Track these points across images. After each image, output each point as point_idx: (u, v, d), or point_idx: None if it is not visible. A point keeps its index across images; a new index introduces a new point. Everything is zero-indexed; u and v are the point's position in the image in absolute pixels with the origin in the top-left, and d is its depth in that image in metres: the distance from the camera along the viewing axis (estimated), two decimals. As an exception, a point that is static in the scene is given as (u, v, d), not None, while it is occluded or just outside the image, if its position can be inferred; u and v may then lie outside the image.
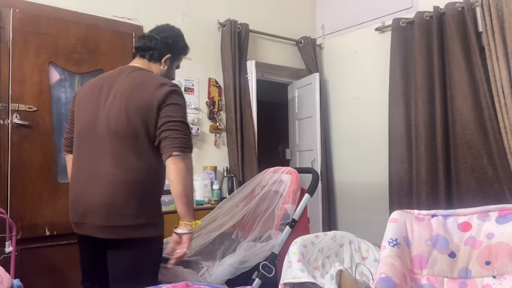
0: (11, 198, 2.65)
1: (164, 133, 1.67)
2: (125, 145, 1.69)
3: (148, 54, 1.88)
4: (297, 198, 2.40)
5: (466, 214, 1.47)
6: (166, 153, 1.65)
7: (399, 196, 3.63)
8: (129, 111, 1.69)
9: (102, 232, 1.69)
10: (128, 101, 1.71)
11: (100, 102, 1.77)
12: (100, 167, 1.71)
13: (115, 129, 1.70)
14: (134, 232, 1.66)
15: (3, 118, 2.66)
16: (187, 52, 2.04)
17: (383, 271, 1.31)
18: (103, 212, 1.66)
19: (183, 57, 2.04)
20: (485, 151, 3.18)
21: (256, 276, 2.11)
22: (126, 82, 1.77)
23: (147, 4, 3.49)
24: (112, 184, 1.67)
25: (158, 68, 1.89)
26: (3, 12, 2.68)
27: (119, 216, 1.66)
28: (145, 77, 1.80)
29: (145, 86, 1.74)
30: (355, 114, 4.29)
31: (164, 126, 1.67)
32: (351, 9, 4.39)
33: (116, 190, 1.66)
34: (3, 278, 2.09)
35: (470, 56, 3.29)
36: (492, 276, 1.37)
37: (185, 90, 3.69)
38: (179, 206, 1.67)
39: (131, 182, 1.67)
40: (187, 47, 2.02)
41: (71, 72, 2.96)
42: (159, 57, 1.89)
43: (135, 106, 1.70)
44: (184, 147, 1.65)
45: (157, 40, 1.88)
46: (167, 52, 1.89)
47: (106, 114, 1.73)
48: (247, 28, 3.98)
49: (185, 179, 1.64)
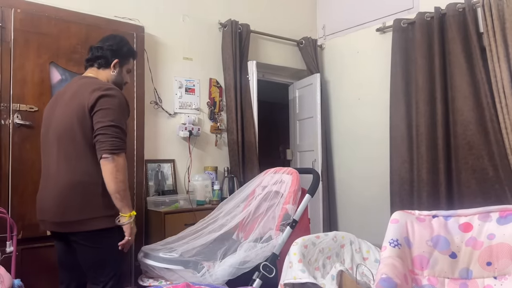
0: (12, 198, 2.65)
1: (96, 137, 1.87)
2: (67, 149, 1.91)
3: (97, 63, 2.09)
4: (297, 199, 2.39)
5: (467, 214, 1.46)
6: (98, 156, 1.87)
7: (400, 196, 3.63)
8: (69, 117, 1.91)
9: (56, 227, 1.97)
10: (68, 108, 1.93)
11: (53, 110, 2.02)
12: (51, 170, 1.97)
13: (59, 135, 1.94)
14: (81, 226, 1.89)
15: (4, 118, 2.66)
16: (134, 55, 2.22)
17: (384, 271, 1.31)
18: (54, 210, 1.92)
19: (132, 60, 2.21)
20: (486, 151, 3.17)
21: (256, 277, 2.11)
22: (70, 90, 2.00)
23: (148, 5, 3.49)
24: (58, 185, 1.92)
25: (108, 74, 2.09)
26: (5, 12, 2.68)
27: (66, 212, 1.89)
28: (84, 84, 1.99)
29: (81, 92, 1.94)
30: (356, 115, 4.29)
31: (96, 131, 1.87)
32: (352, 9, 4.39)
33: (61, 191, 1.90)
34: (4, 277, 2.09)
35: (471, 57, 3.29)
36: (493, 276, 1.37)
37: (186, 90, 3.69)
38: (115, 202, 1.89)
39: (72, 182, 1.89)
40: (133, 50, 2.21)
41: (72, 72, 2.96)
42: (107, 63, 2.08)
43: (72, 112, 1.91)
44: (112, 149, 1.84)
45: (102, 48, 2.09)
46: (114, 58, 2.08)
47: (54, 122, 1.98)
48: (248, 29, 3.99)
49: (116, 178, 1.85)
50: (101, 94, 1.88)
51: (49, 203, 1.95)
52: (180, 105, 3.66)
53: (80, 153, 1.90)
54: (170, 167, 3.55)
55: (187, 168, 3.58)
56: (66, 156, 1.91)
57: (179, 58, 3.68)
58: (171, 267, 2.08)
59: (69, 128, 1.90)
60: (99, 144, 1.85)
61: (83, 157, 1.90)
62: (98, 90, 1.90)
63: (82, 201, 1.89)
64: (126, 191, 1.90)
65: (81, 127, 1.88)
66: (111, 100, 1.90)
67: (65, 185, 1.90)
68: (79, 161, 1.90)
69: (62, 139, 1.92)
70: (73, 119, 1.89)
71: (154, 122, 3.48)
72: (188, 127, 3.58)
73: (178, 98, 3.64)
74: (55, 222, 1.95)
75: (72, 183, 1.89)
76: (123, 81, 2.17)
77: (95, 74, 2.08)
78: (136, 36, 3.23)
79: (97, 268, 1.94)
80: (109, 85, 1.99)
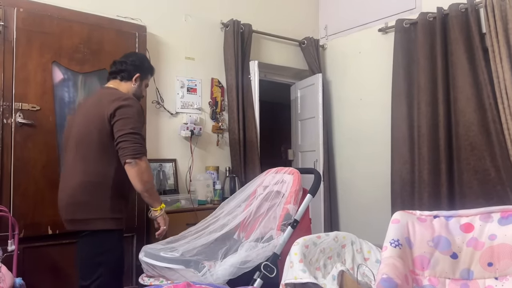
0: (14, 197, 2.65)
1: (118, 145, 2.05)
2: (84, 152, 2.10)
3: (120, 76, 2.30)
4: (299, 199, 2.39)
5: (468, 215, 1.46)
6: (122, 161, 2.05)
7: (402, 197, 3.62)
8: (89, 124, 2.11)
9: (68, 224, 2.16)
10: (89, 115, 2.13)
11: (75, 118, 2.25)
12: (68, 172, 2.17)
13: (78, 140, 2.13)
14: (87, 225, 2.07)
15: (7, 117, 2.66)
16: (152, 72, 2.48)
17: (385, 271, 1.30)
18: (66, 208, 2.12)
19: (150, 76, 2.46)
20: (488, 152, 3.17)
21: (257, 276, 2.11)
22: (92, 100, 2.23)
23: (150, 4, 3.50)
24: (71, 185, 2.11)
25: (130, 86, 2.30)
26: (7, 11, 2.68)
27: (75, 211, 2.08)
28: (105, 95, 2.20)
29: (102, 101, 2.13)
30: (357, 115, 4.28)
31: (118, 139, 2.05)
32: (354, 10, 4.39)
33: (73, 190, 2.09)
34: (6, 276, 2.10)
35: (474, 58, 3.28)
36: (494, 277, 1.36)
37: (188, 90, 3.69)
38: (145, 199, 2.16)
39: (83, 182, 2.07)
40: (152, 68, 2.47)
41: (74, 72, 2.97)
42: (129, 76, 2.30)
43: (93, 119, 2.10)
44: (134, 154, 2.04)
45: (126, 63, 2.31)
46: (136, 72, 2.31)
47: (75, 128, 2.18)
48: (250, 29, 3.99)
49: (141, 180, 2.06)
50: (120, 105, 2.07)
51: (63, 202, 2.15)
52: (182, 105, 3.66)
53: (95, 156, 2.08)
54: (172, 167, 3.55)
55: (188, 168, 3.59)
56: (82, 158, 2.10)
57: (181, 57, 3.68)
58: (172, 266, 2.08)
59: (88, 134, 2.09)
60: (122, 151, 2.04)
61: (97, 160, 2.08)
62: (117, 100, 2.09)
63: (90, 201, 2.06)
64: (153, 189, 2.15)
65: (99, 133, 2.07)
66: (129, 109, 2.08)
67: (77, 185, 2.08)
68: (94, 163, 2.08)
69: (80, 143, 2.11)
70: (92, 125, 2.08)
71: (156, 121, 3.49)
72: (189, 126, 3.58)
73: (180, 97, 3.64)
74: (66, 220, 2.15)
75: (84, 183, 2.07)
76: (141, 94, 2.40)
77: (117, 86, 2.28)
78: (138, 35, 3.23)
79: (91, 265, 2.07)
80: (127, 95, 2.18)
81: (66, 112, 2.94)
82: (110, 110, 2.06)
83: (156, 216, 2.20)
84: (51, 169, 2.79)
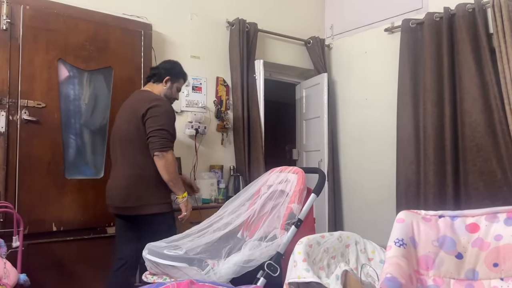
0: (19, 194, 2.67)
1: (148, 139, 2.39)
2: (126, 149, 2.47)
3: (153, 79, 2.64)
4: (303, 198, 2.38)
5: (474, 215, 1.45)
6: (151, 154, 2.39)
7: (407, 197, 3.61)
8: (128, 124, 2.47)
9: (120, 210, 2.52)
10: (128, 116, 2.50)
11: (118, 119, 2.61)
12: (116, 166, 2.54)
13: (121, 138, 2.51)
14: (138, 210, 2.43)
15: (12, 114, 2.68)
16: (184, 77, 2.74)
17: (389, 271, 1.30)
18: (118, 197, 2.48)
19: (183, 81, 2.73)
20: (494, 154, 3.14)
21: (261, 275, 2.10)
22: (131, 102, 2.59)
23: (156, 2, 3.50)
24: (120, 177, 2.49)
25: (161, 87, 2.62)
26: (14, 8, 2.70)
27: (127, 200, 2.44)
28: (139, 97, 2.56)
29: (137, 103, 2.50)
30: (363, 115, 4.27)
31: (148, 135, 2.39)
32: (360, 9, 4.38)
33: (122, 182, 2.46)
34: (10, 272, 2.11)
35: (480, 58, 3.26)
36: (500, 278, 1.35)
37: (193, 88, 3.70)
38: (170, 188, 2.47)
39: (130, 175, 2.44)
40: (184, 73, 2.73)
41: (80, 69, 2.98)
42: (160, 79, 2.62)
43: (130, 119, 2.46)
44: (161, 147, 2.36)
45: (158, 68, 2.67)
46: (166, 75, 2.61)
47: (118, 128, 2.57)
48: (256, 28, 3.98)
49: (168, 170, 2.39)
50: (151, 105, 2.41)
51: (114, 192, 2.51)
52: (186, 103, 3.66)
53: (136, 152, 2.44)
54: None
55: (193, 166, 3.59)
56: (126, 154, 2.47)
57: (187, 56, 3.68)
58: (176, 264, 2.07)
59: (128, 132, 2.46)
60: (151, 145, 2.37)
61: (138, 155, 2.43)
62: (148, 101, 2.44)
63: (139, 191, 2.42)
64: (177, 179, 2.46)
65: (137, 131, 2.42)
66: (158, 109, 2.41)
67: (125, 177, 2.45)
68: (135, 158, 2.44)
69: (123, 141, 2.49)
70: (131, 124, 2.44)
71: (160, 120, 3.48)
72: (194, 125, 3.58)
73: (185, 96, 3.65)
74: (118, 207, 2.51)
75: (130, 176, 2.44)
76: (173, 96, 2.69)
77: (151, 88, 2.62)
78: (143, 33, 3.24)
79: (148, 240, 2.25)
80: (157, 96, 2.52)
81: (71, 109, 2.96)
82: (143, 110, 2.40)
83: (179, 203, 2.51)
84: (56, 166, 2.81)
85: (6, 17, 2.65)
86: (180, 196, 2.50)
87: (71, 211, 2.85)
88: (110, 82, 3.08)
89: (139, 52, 3.21)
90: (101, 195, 2.94)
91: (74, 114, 2.97)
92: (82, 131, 3.02)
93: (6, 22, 2.65)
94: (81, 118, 3.01)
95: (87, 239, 2.91)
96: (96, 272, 2.90)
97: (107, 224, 2.98)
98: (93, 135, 3.07)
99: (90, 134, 3.06)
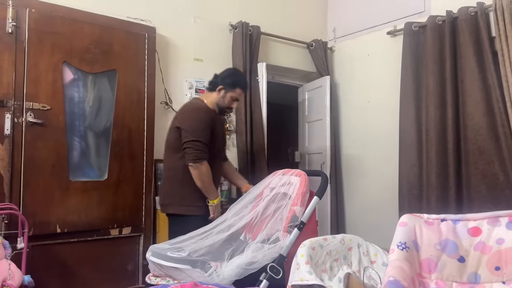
0: (23, 195, 2.68)
1: (184, 150, 2.56)
2: (169, 155, 2.71)
3: (209, 87, 2.78)
4: (305, 201, 2.39)
5: (476, 219, 1.46)
6: (187, 163, 2.56)
7: (409, 200, 3.61)
8: (170, 131, 2.72)
9: (162, 208, 2.78)
10: (172, 123, 2.71)
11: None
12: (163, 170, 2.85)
13: (167, 144, 2.74)
14: (174, 210, 2.67)
15: (17, 116, 2.70)
16: (243, 87, 2.79)
17: (392, 274, 1.31)
18: (162, 196, 2.79)
19: (240, 91, 2.76)
20: (496, 157, 3.15)
21: (263, 278, 2.11)
22: (179, 109, 2.86)
23: (160, 6, 3.52)
24: (164, 179, 2.81)
25: (214, 96, 2.74)
26: (19, 12, 2.72)
27: (164, 198, 2.74)
28: (186, 105, 2.81)
29: (180, 112, 2.79)
30: (365, 118, 4.28)
31: (184, 145, 2.56)
32: (363, 12, 4.39)
33: (166, 183, 2.76)
34: (15, 273, 2.13)
35: (483, 61, 3.26)
36: (502, 281, 1.36)
37: (196, 91, 3.71)
38: (204, 193, 2.62)
39: (170, 179, 2.70)
40: (240, 83, 2.76)
41: (84, 72, 3.00)
42: (214, 87, 2.74)
43: (171, 127, 2.69)
44: (195, 159, 2.54)
45: (216, 77, 2.78)
46: (220, 84, 2.72)
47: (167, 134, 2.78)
48: (259, 31, 4.00)
49: (200, 179, 2.58)
50: (188, 116, 2.63)
51: (161, 191, 2.86)
52: (190, 106, 3.67)
53: (172, 156, 2.66)
54: (179, 167, 3.56)
55: (196, 169, 3.59)
56: (167, 159, 2.75)
57: (190, 59, 3.70)
58: (179, 266, 2.09)
59: (168, 139, 2.72)
60: (187, 156, 2.55)
61: (173, 159, 2.65)
62: (187, 111, 2.69)
63: (177, 191, 2.64)
64: (210, 187, 2.62)
65: (175, 138, 2.62)
66: (193, 121, 2.58)
67: (167, 180, 2.74)
68: (171, 161, 2.68)
69: (167, 146, 2.74)
70: (171, 132, 2.68)
71: (164, 122, 3.48)
72: (197, 127, 3.59)
73: (188, 99, 3.66)
74: (162, 205, 2.78)
75: (166, 176, 2.75)
76: (225, 105, 2.75)
77: (205, 96, 2.78)
78: (147, 36, 3.26)
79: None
80: (197, 106, 2.69)
81: (76, 111, 2.97)
82: (180, 120, 2.62)
83: (210, 206, 2.66)
84: (60, 168, 2.82)
85: (11, 20, 2.67)
86: (211, 201, 2.65)
87: (75, 213, 2.86)
88: (114, 85, 3.10)
89: (143, 55, 3.23)
90: (105, 197, 2.97)
91: (78, 116, 2.99)
92: (86, 133, 3.04)
93: (12, 25, 2.68)
94: (86, 120, 3.03)
95: (91, 241, 2.93)
96: (100, 274, 2.92)
97: (110, 226, 3.00)
98: (97, 137, 3.08)
99: (94, 137, 3.08)
